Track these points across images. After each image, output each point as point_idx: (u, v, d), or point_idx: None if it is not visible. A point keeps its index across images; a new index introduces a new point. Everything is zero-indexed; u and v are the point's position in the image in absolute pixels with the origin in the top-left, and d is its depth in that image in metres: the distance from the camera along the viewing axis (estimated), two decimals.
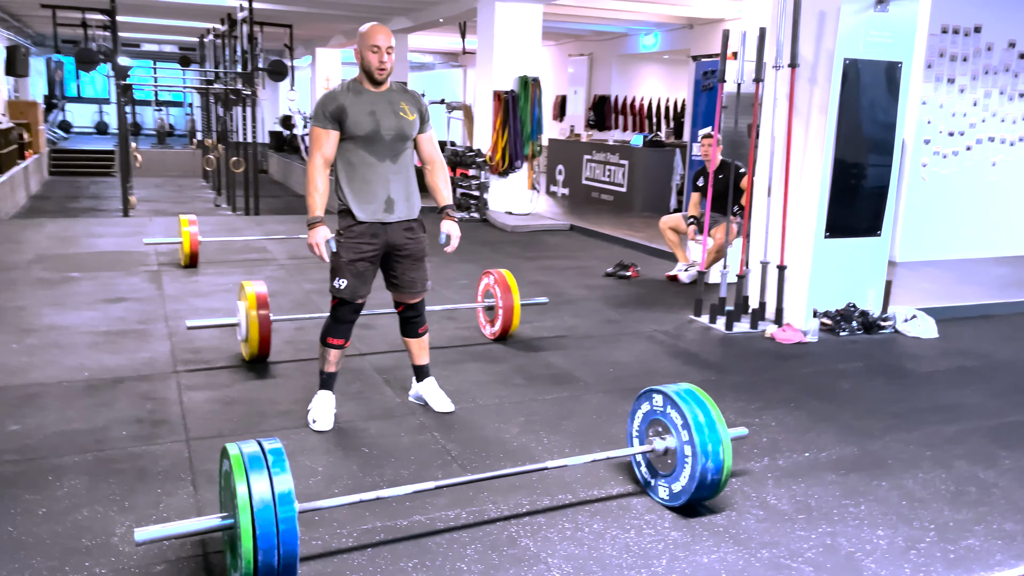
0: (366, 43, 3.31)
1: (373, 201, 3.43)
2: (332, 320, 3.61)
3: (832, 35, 5.09)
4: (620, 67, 16.10)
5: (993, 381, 4.52)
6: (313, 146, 3.40)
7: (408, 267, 3.59)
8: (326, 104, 3.35)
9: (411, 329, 3.78)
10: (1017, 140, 8.08)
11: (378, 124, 3.37)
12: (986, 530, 2.84)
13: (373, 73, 3.34)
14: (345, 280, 3.46)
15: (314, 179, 3.37)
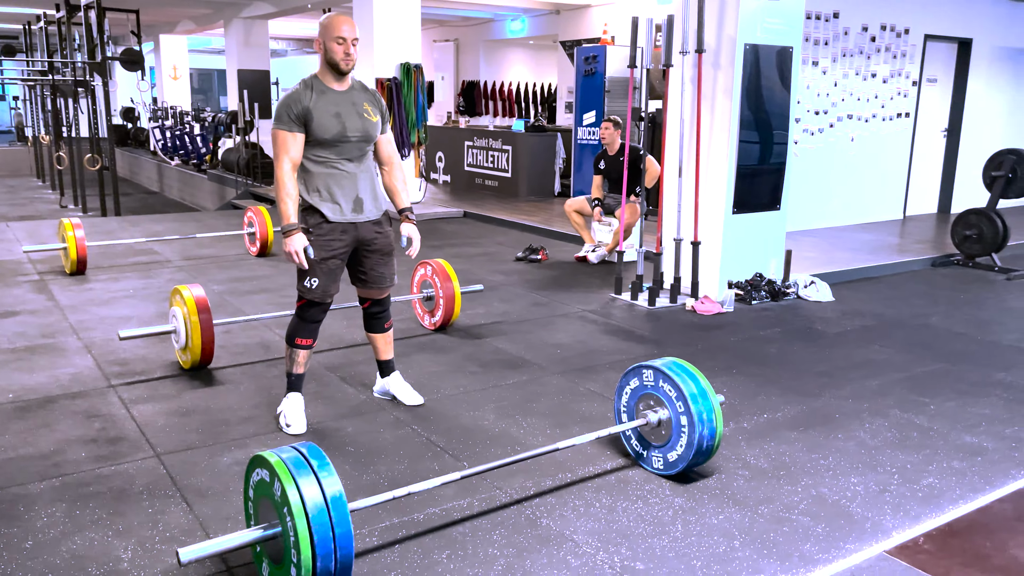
0: (330, 34, 3.21)
1: (342, 201, 3.35)
2: (300, 321, 3.52)
3: (733, 22, 5.40)
4: (487, 52, 16.21)
5: (892, 337, 4.99)
6: (279, 150, 3.26)
7: (376, 262, 3.54)
8: (290, 106, 3.23)
9: (377, 324, 3.72)
10: (871, 117, 8.86)
11: (344, 127, 3.28)
12: (939, 469, 3.18)
13: (339, 65, 3.25)
14: (317, 279, 3.38)
15: (285, 184, 3.24)
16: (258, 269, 6.71)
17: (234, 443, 3.36)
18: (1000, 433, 3.53)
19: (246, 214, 7.40)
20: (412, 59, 10.28)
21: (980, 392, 4.02)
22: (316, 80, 3.30)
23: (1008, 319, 5.43)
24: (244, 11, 14.53)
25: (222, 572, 2.46)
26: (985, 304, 5.85)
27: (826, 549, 2.60)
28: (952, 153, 9.96)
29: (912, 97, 9.20)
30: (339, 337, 4.82)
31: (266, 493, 2.26)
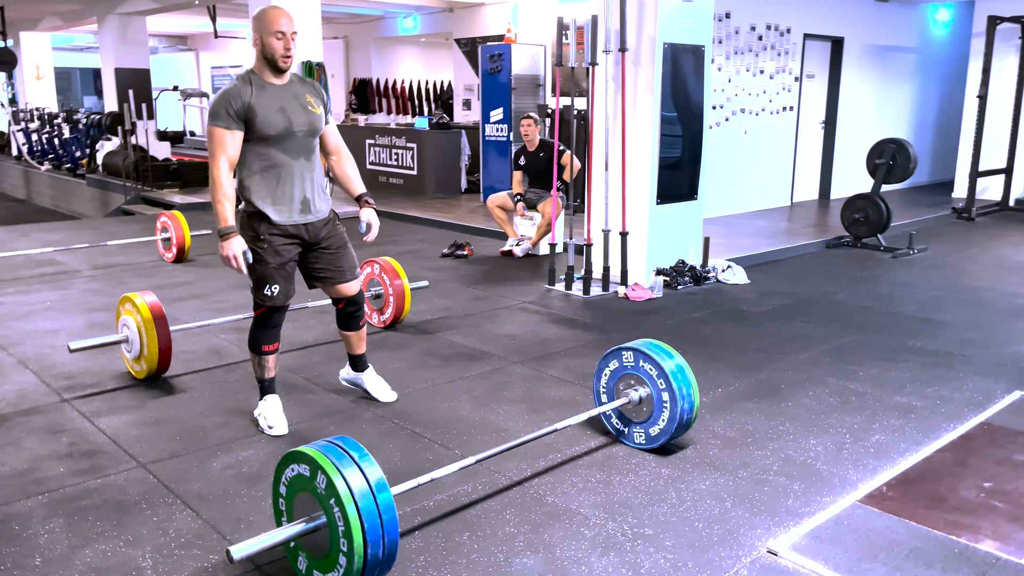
0: (268, 29, 3.13)
1: (289, 203, 3.27)
2: (261, 327, 3.44)
3: (653, 22, 5.70)
4: (379, 50, 16.10)
5: (810, 313, 5.42)
6: (216, 148, 3.13)
7: (332, 257, 3.46)
8: (228, 101, 3.12)
9: (352, 323, 3.68)
10: (760, 111, 9.46)
11: (289, 121, 3.19)
12: (881, 427, 3.54)
13: (277, 62, 3.16)
14: (277, 286, 3.31)
15: (222, 184, 3.11)
16: (180, 275, 6.52)
17: (219, 448, 3.33)
18: (924, 392, 3.95)
19: (159, 219, 7.15)
20: (314, 57, 10.14)
21: (897, 358, 4.47)
22: (253, 75, 3.20)
23: (903, 292, 5.99)
24: (120, 7, 13.83)
25: (251, 571, 2.48)
26: (880, 280, 6.41)
27: (806, 503, 2.88)
28: (830, 143, 10.75)
29: (795, 92, 9.88)
30: (290, 340, 4.79)
31: (306, 487, 2.30)
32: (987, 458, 3.22)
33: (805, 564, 2.50)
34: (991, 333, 4.92)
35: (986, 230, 8.77)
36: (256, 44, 3.18)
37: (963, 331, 4.96)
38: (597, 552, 2.57)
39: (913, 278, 6.46)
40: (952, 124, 12.16)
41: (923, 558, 2.52)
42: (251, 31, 3.21)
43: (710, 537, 2.66)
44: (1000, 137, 10.24)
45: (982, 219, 9.47)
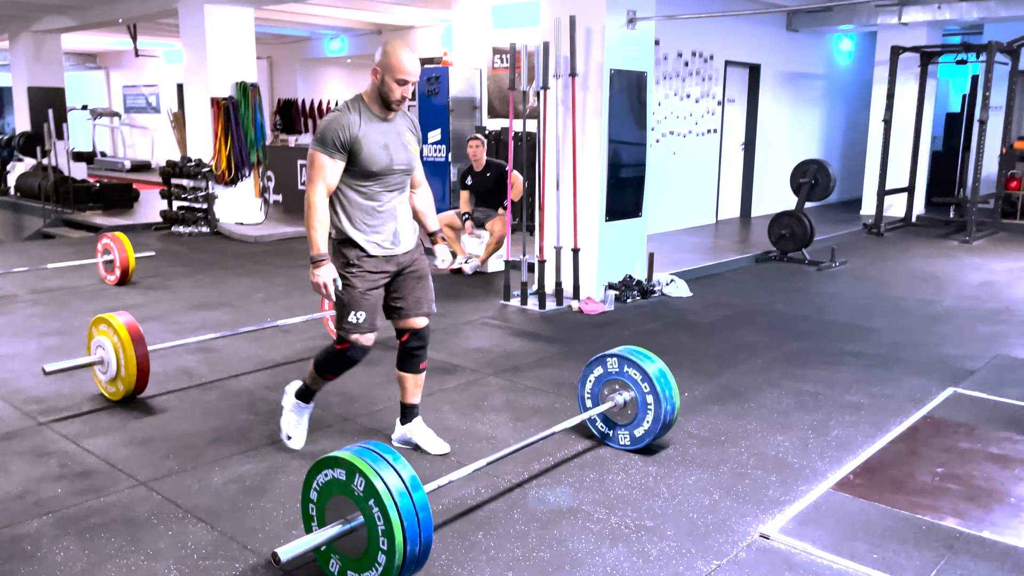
0: (394, 72, 3.00)
1: (382, 235, 3.19)
2: (338, 360, 3.32)
3: (600, 49, 5.99)
4: (304, 71, 16.05)
5: (754, 323, 5.77)
6: (316, 174, 3.05)
7: (413, 286, 3.34)
8: (337, 132, 3.02)
9: (413, 364, 3.45)
10: (687, 133, 9.93)
11: (391, 159, 3.12)
12: (838, 423, 3.85)
13: (391, 104, 3.07)
14: (363, 312, 3.19)
15: (318, 210, 3.04)
16: (127, 298, 6.40)
17: (215, 464, 3.36)
18: (869, 391, 4.30)
19: (100, 241, 7.00)
20: (248, 78, 10.10)
21: (840, 362, 4.83)
22: (363, 105, 3.10)
23: (834, 302, 6.43)
24: (35, 24, 13.38)
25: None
26: (810, 291, 6.85)
27: (785, 492, 3.14)
28: (750, 164, 11.33)
29: (718, 115, 10.40)
30: (260, 359, 4.82)
31: (341, 491, 2.40)
32: (935, 447, 3.56)
33: (796, 545, 2.74)
34: (918, 337, 5.36)
35: (895, 244, 9.43)
36: (375, 76, 3.05)
37: (893, 336, 5.39)
38: (606, 544, 2.75)
39: (839, 289, 6.93)
40: (857, 146, 13.00)
41: (896, 535, 2.80)
42: (375, 59, 3.05)
43: (706, 526, 2.88)
44: (902, 158, 11.02)
45: (890, 234, 10.16)
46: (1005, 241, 9.66)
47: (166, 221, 10.10)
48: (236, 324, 5.53)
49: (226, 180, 9.99)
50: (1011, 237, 9.98)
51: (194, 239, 9.51)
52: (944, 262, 8.20)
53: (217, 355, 4.88)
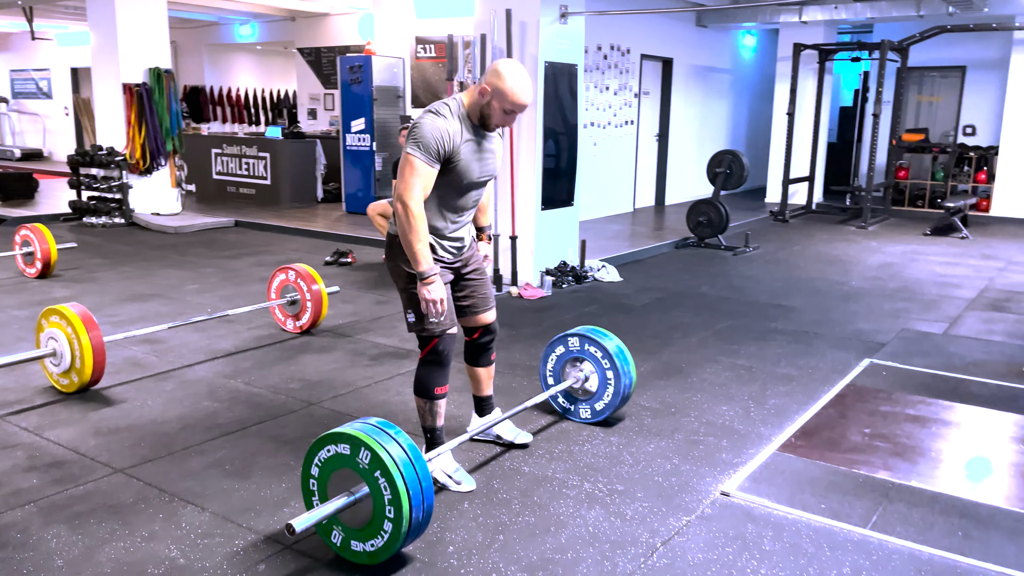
0: (504, 99, 2.83)
1: (458, 242, 3.12)
2: (432, 365, 3.08)
3: (535, 42, 6.19)
4: (212, 57, 15.61)
5: (684, 305, 6.11)
6: (416, 180, 2.80)
7: (478, 284, 3.26)
8: (443, 139, 2.81)
9: (485, 356, 3.37)
10: (607, 124, 10.26)
11: (481, 171, 3.00)
12: (772, 394, 4.19)
13: (490, 127, 2.95)
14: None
15: (420, 219, 2.80)
16: (54, 291, 6.21)
17: (190, 451, 3.40)
18: (796, 364, 4.67)
19: (18, 232, 6.74)
20: (161, 63, 9.82)
21: (767, 338, 5.20)
22: (465, 113, 2.91)
23: (753, 284, 6.85)
24: None
25: (280, 551, 2.65)
26: (730, 274, 7.27)
27: (737, 455, 3.43)
28: (663, 154, 11.79)
29: (635, 107, 10.78)
30: (210, 349, 4.81)
31: (345, 464, 2.52)
32: (860, 411, 3.93)
33: (754, 500, 3.02)
34: (832, 315, 5.81)
35: (800, 230, 10.04)
36: (483, 95, 2.86)
37: (810, 314, 5.82)
38: (584, 507, 2.96)
39: (756, 272, 7.38)
40: (761, 137, 13.68)
41: (839, 488, 3.12)
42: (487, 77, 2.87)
43: (671, 487, 3.13)
44: (803, 149, 11.70)
45: (794, 220, 10.80)
46: (896, 226, 10.42)
47: (76, 212, 9.73)
48: (174, 315, 5.47)
49: (141, 169, 9.70)
50: (901, 222, 10.77)
51: (108, 230, 9.21)
52: (845, 246, 8.81)
53: (164, 346, 4.84)
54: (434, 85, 10.12)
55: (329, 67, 12.83)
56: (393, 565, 2.56)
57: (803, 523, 2.87)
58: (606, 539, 2.75)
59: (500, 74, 2.83)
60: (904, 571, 2.58)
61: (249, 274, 6.93)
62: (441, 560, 2.61)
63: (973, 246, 8.88)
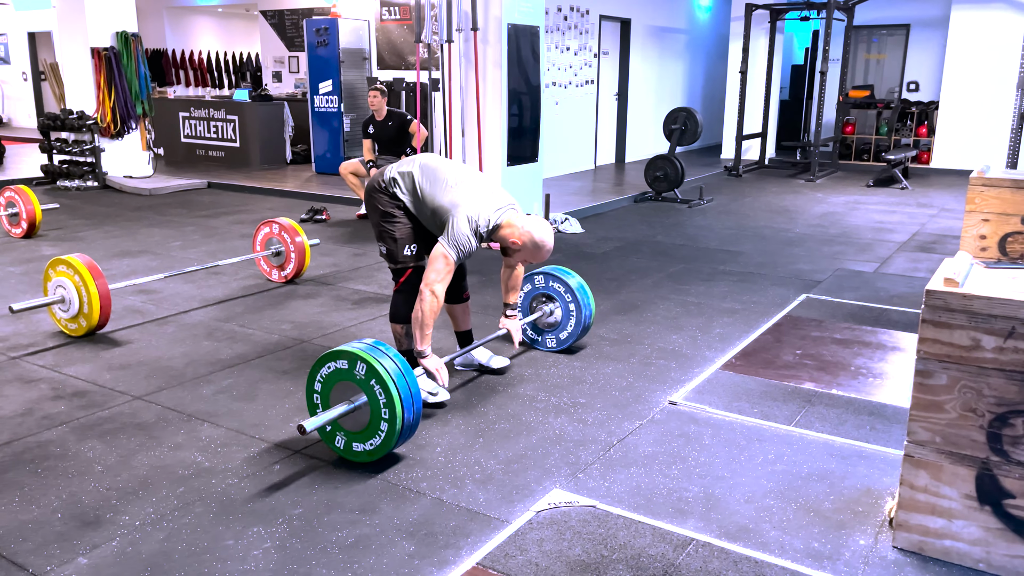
0: (531, 256, 3.41)
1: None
2: (407, 294, 3.50)
3: (499, 4, 6.52)
4: (173, 20, 15.57)
5: (641, 252, 6.58)
6: (445, 276, 3.28)
7: None
8: (471, 249, 3.32)
9: (457, 295, 3.79)
10: (568, 84, 10.62)
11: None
12: (719, 324, 4.68)
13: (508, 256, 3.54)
14: (416, 244, 3.49)
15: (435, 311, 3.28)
16: (43, 249, 6.48)
17: (199, 380, 3.79)
18: (740, 299, 5.17)
19: (2, 194, 6.96)
20: (128, 27, 9.94)
21: (715, 279, 5.69)
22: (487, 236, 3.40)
23: (704, 233, 7.34)
24: None
25: (291, 455, 3.07)
26: (684, 225, 7.75)
27: (684, 373, 3.92)
28: (623, 113, 12.20)
29: (594, 67, 11.15)
30: (202, 297, 5.17)
31: (344, 378, 2.94)
32: (794, 336, 4.45)
33: (696, 407, 3.51)
34: (776, 258, 6.33)
35: (752, 184, 10.55)
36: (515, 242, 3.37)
37: (756, 257, 6.33)
38: (551, 416, 3.43)
39: (709, 222, 7.87)
40: (716, 96, 14.14)
41: (769, 396, 3.63)
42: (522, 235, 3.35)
43: (626, 399, 3.60)
44: (756, 107, 12.19)
45: (747, 175, 11.32)
46: (842, 179, 10.99)
47: (48, 176, 9.89)
48: (163, 269, 5.79)
49: (112, 133, 9.87)
50: (847, 175, 11.34)
51: (83, 193, 9.41)
52: (793, 197, 9.35)
53: (159, 295, 5.19)
54: (399, 47, 10.39)
55: (293, 30, 12.96)
56: (389, 462, 3.00)
57: (738, 424, 3.37)
58: (570, 439, 3.22)
59: (536, 244, 3.37)
60: (818, 455, 3.09)
61: (229, 231, 7.25)
62: (431, 458, 3.06)
63: (911, 196, 9.47)
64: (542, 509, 2.70)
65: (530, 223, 3.40)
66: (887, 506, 2.69)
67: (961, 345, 2.27)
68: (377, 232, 3.55)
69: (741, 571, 2.37)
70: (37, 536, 2.53)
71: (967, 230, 4.80)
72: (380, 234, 3.53)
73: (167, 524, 2.59)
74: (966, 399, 2.29)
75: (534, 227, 3.38)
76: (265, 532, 2.56)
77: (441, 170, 3.49)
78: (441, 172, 3.47)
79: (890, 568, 2.40)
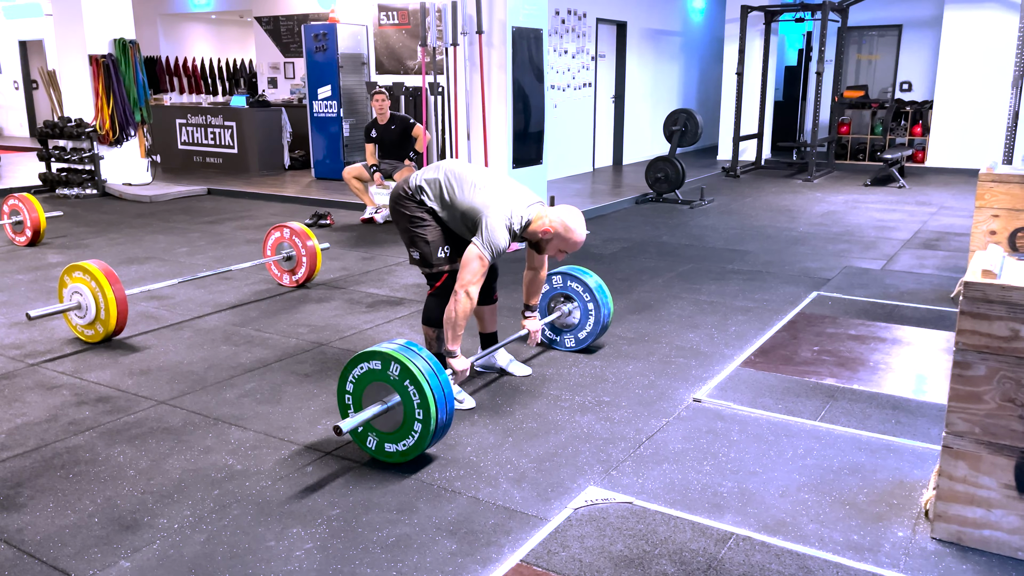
0: (564, 245, 3.40)
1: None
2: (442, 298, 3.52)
3: (503, 8, 6.55)
4: (166, 27, 15.54)
5: (648, 252, 6.60)
6: (478, 276, 3.29)
7: None
8: (504, 248, 3.34)
9: (487, 296, 3.82)
10: (567, 87, 10.66)
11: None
12: (734, 322, 4.71)
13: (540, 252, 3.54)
14: (448, 246, 3.51)
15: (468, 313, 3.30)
16: (49, 257, 6.45)
17: (221, 384, 3.78)
18: (752, 298, 5.20)
19: (6, 203, 6.93)
20: (126, 34, 9.91)
21: (725, 278, 5.72)
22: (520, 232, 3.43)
23: (710, 233, 7.38)
24: None
25: (322, 457, 3.07)
26: (688, 225, 7.79)
27: (706, 370, 3.94)
28: (620, 116, 12.24)
29: (592, 70, 11.19)
30: (215, 302, 5.16)
31: (376, 378, 2.95)
32: (810, 333, 4.47)
33: (721, 404, 3.53)
34: (783, 256, 6.36)
35: (750, 184, 10.61)
36: (545, 233, 3.38)
37: (763, 256, 6.37)
38: (577, 414, 3.44)
39: (712, 222, 7.91)
40: (711, 97, 14.21)
41: (792, 392, 3.65)
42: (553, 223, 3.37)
43: (651, 397, 3.62)
44: (752, 108, 12.25)
45: (745, 176, 11.38)
46: (839, 178, 11.06)
47: (46, 184, 9.84)
48: (172, 275, 5.78)
49: (110, 140, 9.83)
50: (844, 175, 11.42)
51: (83, 201, 9.37)
52: (793, 197, 9.41)
53: (172, 301, 5.17)
54: (398, 52, 10.39)
55: (289, 36, 12.95)
56: (422, 462, 3.01)
57: (764, 419, 3.38)
58: (599, 437, 3.23)
59: (567, 228, 3.37)
60: (847, 449, 3.11)
61: (234, 237, 7.23)
62: (462, 458, 3.06)
63: (909, 194, 9.55)
64: (580, 506, 2.71)
65: (561, 210, 3.43)
66: (923, 498, 2.71)
67: (1000, 336, 2.29)
68: (408, 238, 3.55)
69: (784, 564, 2.39)
70: (76, 541, 2.52)
71: (977, 225, 4.85)
72: (412, 239, 3.52)
73: (206, 527, 2.59)
74: (1005, 389, 2.32)
75: (565, 214, 3.41)
76: (305, 533, 2.56)
77: (467, 173, 3.50)
78: (468, 175, 3.49)
79: (931, 559, 2.42)
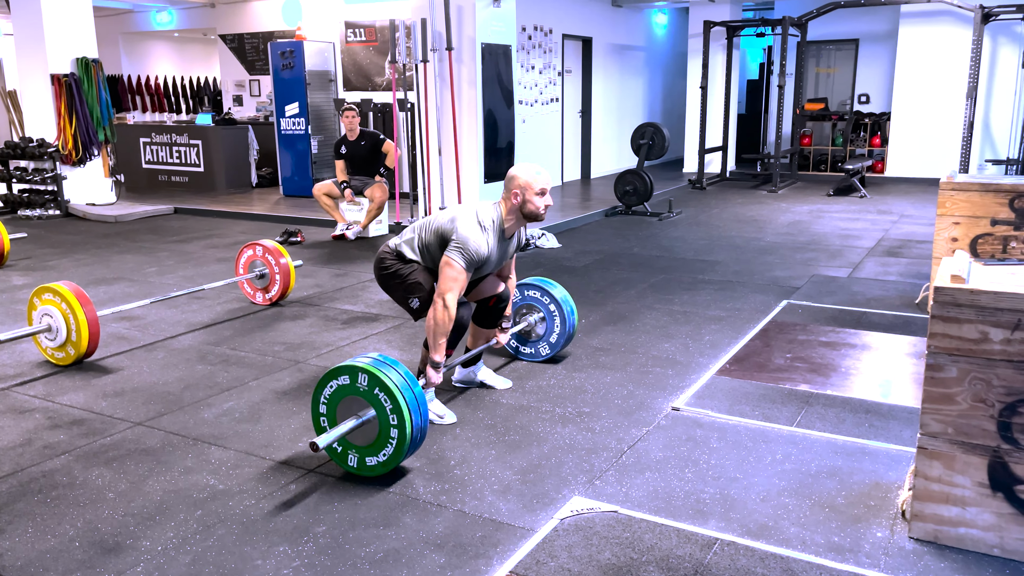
0: (532, 189, 3.38)
1: None
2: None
3: (472, 25, 6.61)
4: (128, 45, 15.39)
5: (620, 264, 6.67)
6: (454, 286, 3.30)
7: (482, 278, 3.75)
8: (478, 251, 3.32)
9: (495, 319, 3.86)
10: (534, 102, 10.74)
11: (495, 264, 3.56)
12: (707, 331, 4.77)
13: (540, 216, 3.48)
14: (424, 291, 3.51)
15: (450, 319, 3.31)
16: (11, 280, 6.34)
17: (198, 404, 3.75)
18: (724, 307, 5.28)
19: None
20: (89, 53, 9.80)
21: (697, 288, 5.80)
22: (498, 224, 3.44)
23: (680, 244, 7.47)
24: None
25: (304, 475, 3.06)
26: (658, 236, 7.88)
27: (682, 379, 3.99)
28: (587, 130, 12.36)
29: (559, 85, 11.30)
30: (188, 322, 5.11)
31: (350, 393, 2.94)
32: (782, 340, 4.56)
33: (700, 412, 3.58)
34: (752, 266, 6.47)
35: (716, 196, 10.77)
36: (516, 199, 3.40)
37: (733, 266, 6.47)
38: (558, 425, 3.47)
39: (681, 233, 8.01)
40: (676, 111, 14.41)
41: (768, 399, 3.71)
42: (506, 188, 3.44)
43: (630, 407, 3.66)
44: (716, 121, 12.45)
45: (711, 187, 11.54)
46: (803, 189, 11.27)
47: (7, 205, 9.67)
48: (142, 295, 5.71)
49: (73, 160, 9.69)
50: (807, 185, 11.64)
51: (46, 222, 9.22)
52: (759, 208, 9.57)
53: (143, 321, 5.11)
54: (366, 68, 10.40)
55: (254, 53, 12.89)
56: (407, 478, 3.01)
57: (742, 426, 3.44)
58: (581, 447, 3.26)
59: (517, 175, 3.43)
60: (824, 453, 3.17)
61: (204, 256, 7.17)
62: (446, 470, 3.07)
63: (871, 203, 9.76)
64: (566, 516, 2.73)
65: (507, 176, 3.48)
66: (899, 498, 2.78)
67: (970, 338, 2.37)
68: (403, 291, 3.58)
69: (769, 567, 2.43)
70: (58, 565, 2.48)
71: (939, 233, 4.98)
72: (408, 288, 3.55)
73: (191, 548, 2.56)
74: (976, 390, 2.39)
75: (512, 172, 3.45)
76: (292, 551, 2.54)
77: (433, 215, 3.60)
78: (433, 216, 3.59)
79: (909, 557, 2.48)
